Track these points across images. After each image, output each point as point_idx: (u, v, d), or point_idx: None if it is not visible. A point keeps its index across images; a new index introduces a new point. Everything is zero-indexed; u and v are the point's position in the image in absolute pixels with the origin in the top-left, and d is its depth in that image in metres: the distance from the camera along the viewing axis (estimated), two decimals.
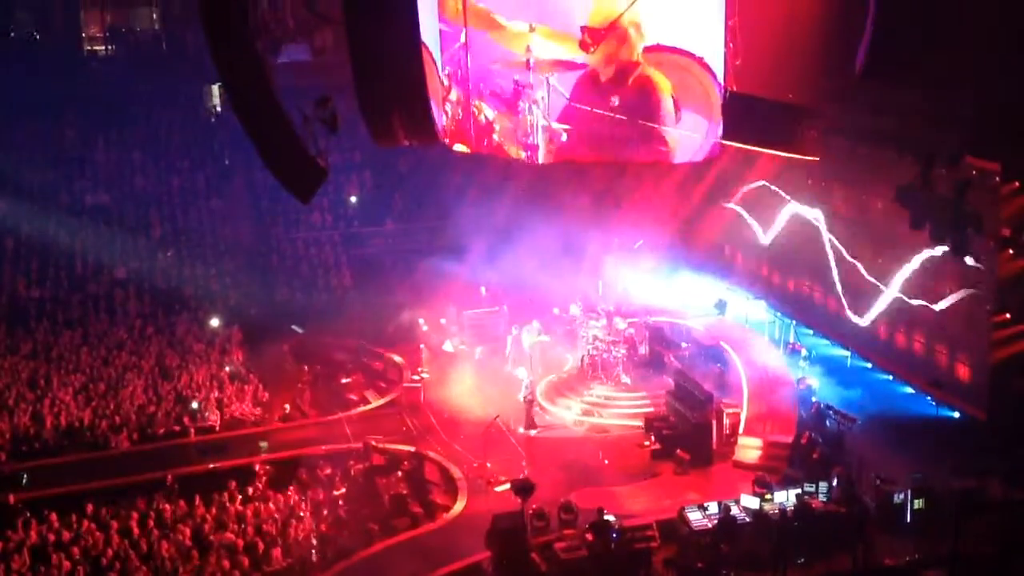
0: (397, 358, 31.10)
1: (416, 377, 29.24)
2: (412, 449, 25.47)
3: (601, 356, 28.67)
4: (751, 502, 20.83)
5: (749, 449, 24.31)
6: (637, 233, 35.03)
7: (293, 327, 32.63)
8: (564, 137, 21.18)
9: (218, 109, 41.62)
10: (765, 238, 29.12)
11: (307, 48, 39.94)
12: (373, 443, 25.21)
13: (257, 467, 24.53)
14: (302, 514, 22.69)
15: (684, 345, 29.30)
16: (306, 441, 26.07)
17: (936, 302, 25.05)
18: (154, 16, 45.44)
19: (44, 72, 41.30)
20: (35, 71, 41.14)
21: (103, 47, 44.89)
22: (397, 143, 18.13)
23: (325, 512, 22.99)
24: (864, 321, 27.76)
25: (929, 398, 25.65)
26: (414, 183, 39.30)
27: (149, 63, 42.87)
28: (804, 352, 28.67)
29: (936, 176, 19.31)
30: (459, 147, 22.70)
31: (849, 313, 28.30)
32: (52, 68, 41.50)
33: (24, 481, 24.12)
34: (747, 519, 20.54)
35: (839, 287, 28.57)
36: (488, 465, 24.13)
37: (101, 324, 32.42)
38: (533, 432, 26.06)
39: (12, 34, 43.34)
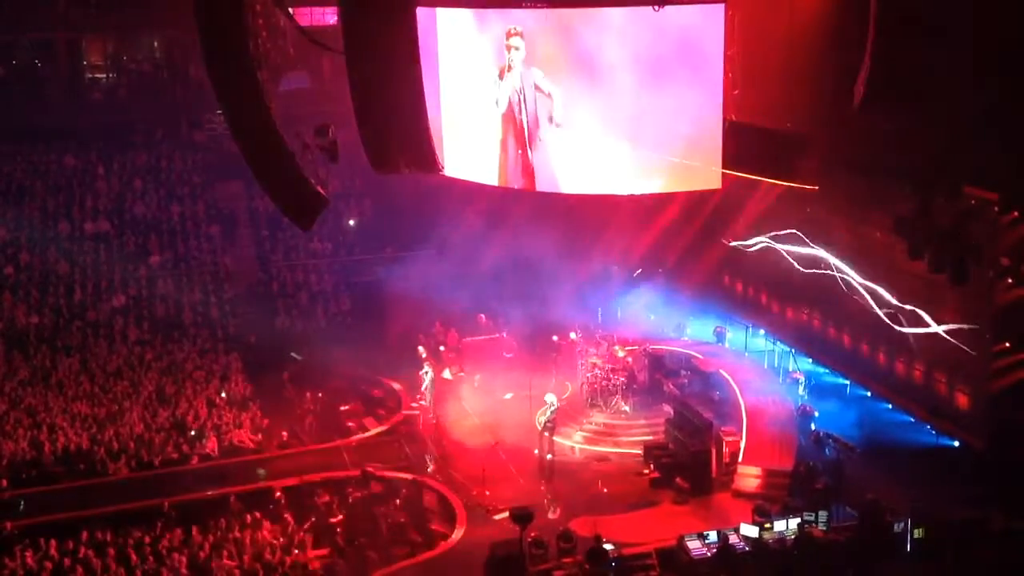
0: (396, 386, 31.04)
1: (415, 404, 29.22)
2: (411, 477, 25.41)
3: (600, 384, 28.66)
4: (751, 531, 20.77)
5: (749, 478, 24.23)
6: (636, 261, 35.07)
7: (292, 354, 32.58)
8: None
9: None
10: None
11: (307, 77, 40.21)
12: (371, 471, 25.15)
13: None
14: (301, 541, 22.60)
15: (683, 373, 29.26)
16: (304, 468, 25.92)
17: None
18: (155, 45, 45.64)
19: (45, 100, 41.55)
20: (36, 99, 41.39)
21: (104, 75, 45.06)
22: (397, 171, 18.16)
23: (323, 540, 22.90)
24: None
25: (929, 427, 25.61)
26: (414, 211, 39.33)
27: (150, 91, 43.09)
28: (803, 380, 28.68)
29: (935, 206, 19.38)
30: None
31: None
32: (53, 96, 41.75)
33: (21, 507, 24.04)
34: (747, 548, 20.48)
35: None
36: (487, 493, 24.10)
37: (100, 351, 32.36)
38: (549, 456, 25.70)
39: (14, 62, 43.50)
